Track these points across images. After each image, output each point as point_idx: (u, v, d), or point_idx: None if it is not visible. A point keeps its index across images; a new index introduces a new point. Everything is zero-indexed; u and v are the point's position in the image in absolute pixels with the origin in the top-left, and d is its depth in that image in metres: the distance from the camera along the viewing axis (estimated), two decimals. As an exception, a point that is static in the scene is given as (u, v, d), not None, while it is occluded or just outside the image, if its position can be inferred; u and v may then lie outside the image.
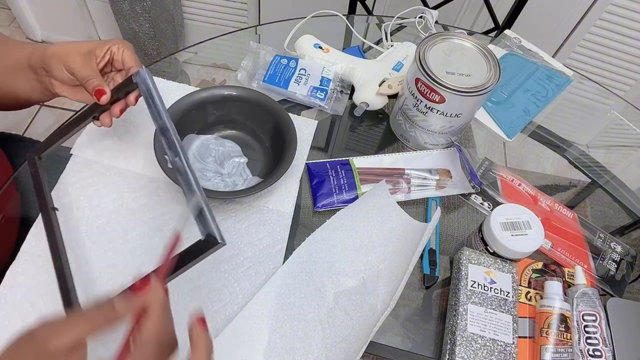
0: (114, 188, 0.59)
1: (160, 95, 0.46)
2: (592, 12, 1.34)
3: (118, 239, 0.55)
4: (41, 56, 0.52)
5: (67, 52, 0.51)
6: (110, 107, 0.52)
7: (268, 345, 0.48)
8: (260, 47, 0.76)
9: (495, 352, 0.48)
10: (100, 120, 0.53)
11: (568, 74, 0.84)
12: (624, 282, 0.60)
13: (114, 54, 0.53)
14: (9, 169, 0.67)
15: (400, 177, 0.64)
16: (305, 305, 0.51)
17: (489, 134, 0.76)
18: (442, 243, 0.61)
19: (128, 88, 0.50)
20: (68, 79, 0.51)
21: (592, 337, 0.49)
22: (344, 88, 0.74)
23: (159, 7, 1.45)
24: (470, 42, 0.63)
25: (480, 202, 0.65)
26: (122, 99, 0.52)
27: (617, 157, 0.77)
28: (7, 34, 0.61)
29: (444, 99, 0.59)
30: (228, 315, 0.51)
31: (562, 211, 0.65)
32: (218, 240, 0.37)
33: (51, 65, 0.51)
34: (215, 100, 0.63)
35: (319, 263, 0.54)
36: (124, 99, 0.52)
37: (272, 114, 0.63)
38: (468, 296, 0.51)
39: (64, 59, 0.51)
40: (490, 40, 0.88)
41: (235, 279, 0.54)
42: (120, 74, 0.55)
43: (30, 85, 0.55)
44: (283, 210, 0.60)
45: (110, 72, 0.56)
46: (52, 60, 0.51)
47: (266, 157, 0.64)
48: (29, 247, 0.53)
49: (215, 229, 0.38)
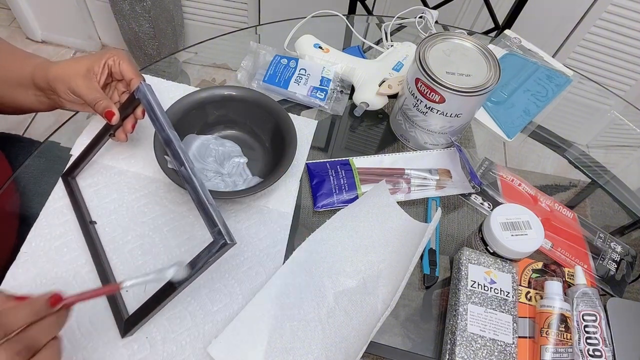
0: (114, 188, 0.59)
1: (161, 106, 0.47)
2: (592, 12, 1.34)
3: (118, 240, 0.55)
4: (45, 78, 0.55)
5: (68, 76, 0.53)
6: (122, 123, 0.55)
7: (268, 345, 0.48)
8: (260, 47, 0.76)
9: (495, 352, 0.48)
10: (117, 136, 0.56)
11: (568, 74, 0.84)
12: (624, 282, 0.60)
13: (111, 67, 0.56)
14: (9, 169, 0.67)
15: (400, 177, 0.64)
16: (305, 305, 0.51)
17: (489, 134, 0.76)
18: (442, 243, 0.61)
19: (133, 103, 0.52)
20: (75, 100, 0.55)
21: (592, 337, 0.49)
22: (344, 88, 0.74)
23: (159, 7, 1.45)
24: (470, 42, 0.63)
25: (480, 202, 0.65)
26: (130, 114, 0.54)
27: (617, 157, 0.77)
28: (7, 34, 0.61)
29: (444, 99, 0.59)
30: (228, 315, 0.51)
31: (562, 211, 0.65)
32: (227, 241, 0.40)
33: (57, 89, 0.54)
34: (215, 100, 0.63)
35: (319, 263, 0.54)
36: (132, 114, 0.55)
37: (272, 114, 0.63)
38: (468, 296, 0.51)
39: (67, 83, 0.53)
40: (490, 40, 0.88)
41: (235, 279, 0.54)
42: (122, 82, 0.59)
43: (38, 100, 0.58)
44: (283, 210, 0.60)
45: (111, 82, 0.59)
46: (57, 84, 0.54)
47: (266, 157, 0.64)
48: (28, 248, 0.53)
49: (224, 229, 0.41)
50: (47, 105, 0.59)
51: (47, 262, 0.52)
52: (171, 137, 0.45)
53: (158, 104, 0.47)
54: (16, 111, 0.62)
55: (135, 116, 0.55)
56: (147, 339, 0.49)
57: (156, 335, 0.49)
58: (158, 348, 0.48)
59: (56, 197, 0.57)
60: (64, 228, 0.55)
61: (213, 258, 0.41)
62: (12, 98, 0.59)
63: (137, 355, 0.48)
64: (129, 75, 0.56)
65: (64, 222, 0.55)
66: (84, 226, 0.55)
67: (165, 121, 0.46)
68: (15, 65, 0.58)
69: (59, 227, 0.55)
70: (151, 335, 0.49)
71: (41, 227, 0.55)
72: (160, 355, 0.48)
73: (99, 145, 0.56)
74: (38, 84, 0.56)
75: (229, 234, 0.40)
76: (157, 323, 0.50)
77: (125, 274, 0.53)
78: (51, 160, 0.63)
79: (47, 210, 0.56)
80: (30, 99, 0.58)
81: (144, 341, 0.49)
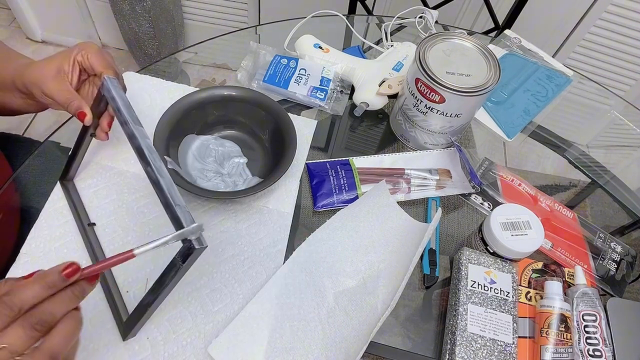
0: (114, 189, 0.59)
1: (127, 100, 0.45)
2: (592, 12, 1.34)
3: (118, 240, 0.55)
4: (22, 82, 0.53)
5: (39, 79, 0.52)
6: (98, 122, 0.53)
7: (268, 345, 0.48)
8: (260, 47, 0.76)
9: (495, 352, 0.48)
10: (97, 135, 0.54)
11: (568, 74, 0.84)
12: (624, 282, 0.60)
13: (80, 62, 0.54)
14: (9, 169, 0.67)
15: (400, 177, 0.64)
16: (305, 305, 0.51)
17: (489, 134, 0.76)
18: (442, 243, 0.61)
19: (104, 100, 0.50)
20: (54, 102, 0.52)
21: (592, 337, 0.49)
22: (344, 88, 0.74)
23: (159, 7, 1.45)
24: (470, 42, 0.63)
25: (480, 202, 0.65)
26: (104, 111, 0.53)
27: (617, 157, 0.77)
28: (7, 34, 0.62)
29: (444, 99, 0.59)
30: (229, 315, 0.51)
31: (562, 211, 0.65)
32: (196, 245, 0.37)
33: (34, 93, 0.53)
34: (214, 100, 0.63)
35: (319, 263, 0.54)
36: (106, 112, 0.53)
37: (271, 114, 0.63)
38: (468, 296, 0.51)
39: (40, 87, 0.52)
40: (490, 40, 0.88)
41: (235, 279, 0.54)
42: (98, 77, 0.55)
43: (26, 103, 0.57)
44: (283, 210, 0.60)
45: (88, 78, 0.57)
46: (33, 89, 0.52)
47: (266, 157, 0.64)
48: (28, 249, 0.53)
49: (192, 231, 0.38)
50: (35, 106, 0.57)
51: (47, 264, 0.52)
52: (135, 133, 0.42)
53: (123, 98, 0.44)
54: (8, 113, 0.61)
55: (109, 113, 0.53)
56: (148, 339, 0.49)
57: (157, 335, 0.49)
58: (159, 348, 0.48)
59: (55, 198, 0.57)
60: (63, 229, 0.55)
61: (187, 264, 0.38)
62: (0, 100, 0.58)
63: (138, 355, 0.48)
64: (98, 68, 0.53)
65: (63, 224, 0.55)
66: (82, 229, 0.55)
67: (130, 116, 0.43)
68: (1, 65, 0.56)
69: (59, 229, 0.55)
70: (152, 335, 0.49)
71: (41, 228, 0.55)
72: (162, 355, 0.48)
73: (82, 146, 0.54)
74: (20, 88, 0.54)
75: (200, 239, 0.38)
76: (158, 323, 0.50)
77: (125, 274, 0.53)
78: (51, 160, 0.63)
79: (46, 212, 0.56)
80: (18, 102, 0.57)
81: (145, 342, 0.49)
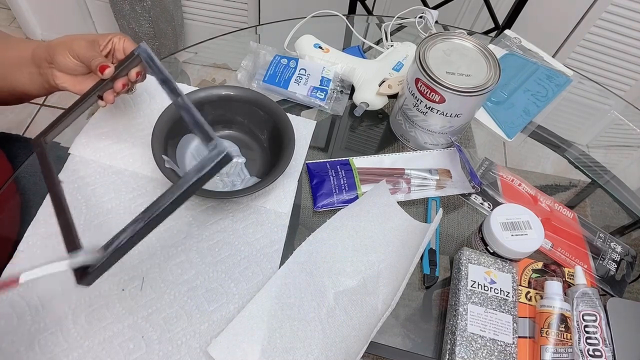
0: (112, 188, 0.59)
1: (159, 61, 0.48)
2: (592, 12, 1.34)
3: (117, 239, 0.55)
4: (46, 48, 0.54)
5: (72, 39, 0.54)
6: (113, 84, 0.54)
7: (268, 345, 0.48)
8: (260, 47, 0.76)
9: (495, 352, 0.48)
10: (104, 98, 0.55)
11: (568, 74, 0.84)
12: (624, 282, 0.60)
13: (115, 44, 0.56)
14: (9, 169, 0.67)
15: (400, 177, 0.64)
16: (306, 305, 0.51)
17: (489, 134, 0.75)
18: (442, 243, 0.61)
19: (130, 64, 0.53)
20: (72, 65, 0.53)
21: (592, 337, 0.49)
22: (344, 88, 0.74)
23: (159, 7, 1.45)
24: (470, 42, 0.63)
25: (480, 202, 0.65)
26: (124, 76, 0.54)
27: (617, 157, 0.77)
28: (7, 34, 0.61)
29: (444, 99, 0.59)
30: (225, 315, 0.51)
31: (562, 211, 0.65)
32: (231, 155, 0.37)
33: (56, 52, 0.53)
34: (212, 100, 0.63)
35: (319, 263, 0.54)
36: (126, 75, 0.54)
37: (270, 114, 0.63)
38: (468, 296, 0.51)
39: (69, 45, 0.53)
40: (490, 40, 0.88)
41: (232, 279, 0.54)
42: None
43: (30, 79, 0.57)
44: (280, 210, 0.60)
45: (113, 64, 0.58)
46: (58, 48, 0.53)
47: (264, 157, 0.64)
48: (25, 246, 0.53)
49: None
50: (38, 85, 0.57)
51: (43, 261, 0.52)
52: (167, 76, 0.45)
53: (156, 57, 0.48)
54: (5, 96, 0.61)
55: (128, 77, 0.54)
56: (143, 338, 0.49)
57: (152, 334, 0.49)
58: (154, 347, 0.48)
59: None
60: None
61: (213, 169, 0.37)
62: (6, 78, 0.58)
63: (133, 354, 0.48)
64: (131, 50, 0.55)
65: (62, 222, 0.55)
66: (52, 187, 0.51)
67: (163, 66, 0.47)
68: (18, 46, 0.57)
69: (56, 226, 0.55)
70: (147, 334, 0.49)
71: (38, 226, 0.55)
72: (156, 354, 0.48)
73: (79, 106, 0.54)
74: (36, 58, 0.55)
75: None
76: (153, 322, 0.50)
77: (122, 274, 0.53)
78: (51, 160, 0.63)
79: (44, 209, 0.56)
80: (23, 78, 0.57)
81: (139, 340, 0.48)
